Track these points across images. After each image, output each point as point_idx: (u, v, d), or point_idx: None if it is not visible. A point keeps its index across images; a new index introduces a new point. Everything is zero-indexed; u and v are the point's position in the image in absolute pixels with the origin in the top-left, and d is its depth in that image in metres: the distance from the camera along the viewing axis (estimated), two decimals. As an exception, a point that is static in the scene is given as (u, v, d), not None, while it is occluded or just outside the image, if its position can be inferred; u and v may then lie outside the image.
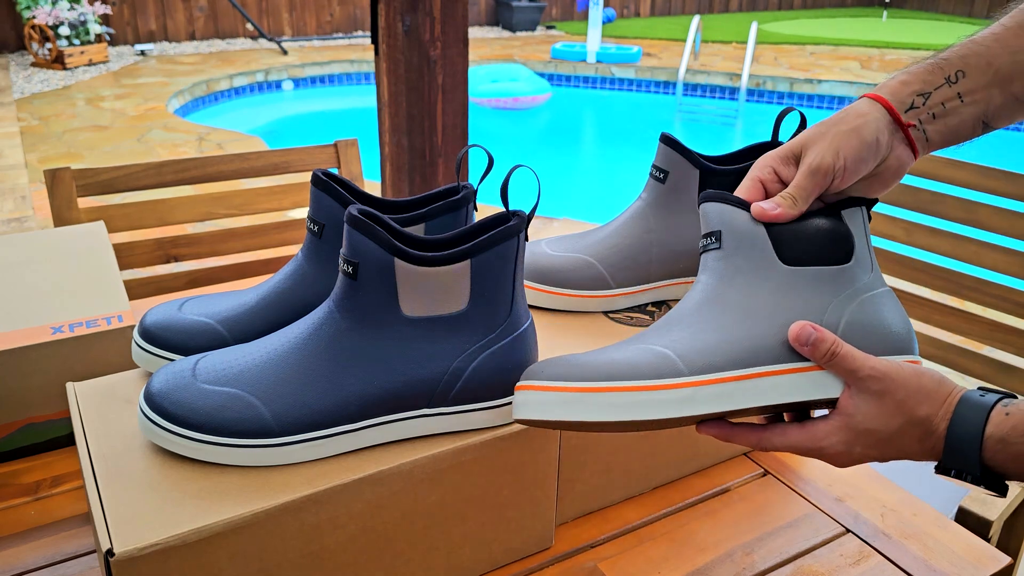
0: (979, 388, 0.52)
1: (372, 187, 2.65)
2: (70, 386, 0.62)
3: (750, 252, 0.56)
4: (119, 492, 0.51)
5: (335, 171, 1.07)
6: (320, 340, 0.54)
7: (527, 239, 0.58)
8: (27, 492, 0.71)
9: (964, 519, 1.07)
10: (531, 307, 0.75)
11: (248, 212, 1.34)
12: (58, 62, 5.90)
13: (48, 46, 5.85)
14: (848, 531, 0.70)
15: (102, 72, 5.92)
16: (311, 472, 0.54)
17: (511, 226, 0.55)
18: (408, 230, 0.60)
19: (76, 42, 5.96)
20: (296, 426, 0.54)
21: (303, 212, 2.60)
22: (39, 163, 3.86)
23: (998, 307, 1.25)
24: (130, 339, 0.76)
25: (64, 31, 5.82)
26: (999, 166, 1.24)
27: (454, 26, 1.90)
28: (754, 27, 5.97)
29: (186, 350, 0.63)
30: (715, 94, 6.42)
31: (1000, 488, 0.51)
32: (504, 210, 0.57)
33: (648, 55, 7.12)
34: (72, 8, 5.89)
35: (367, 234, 0.52)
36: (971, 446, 0.50)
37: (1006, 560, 0.67)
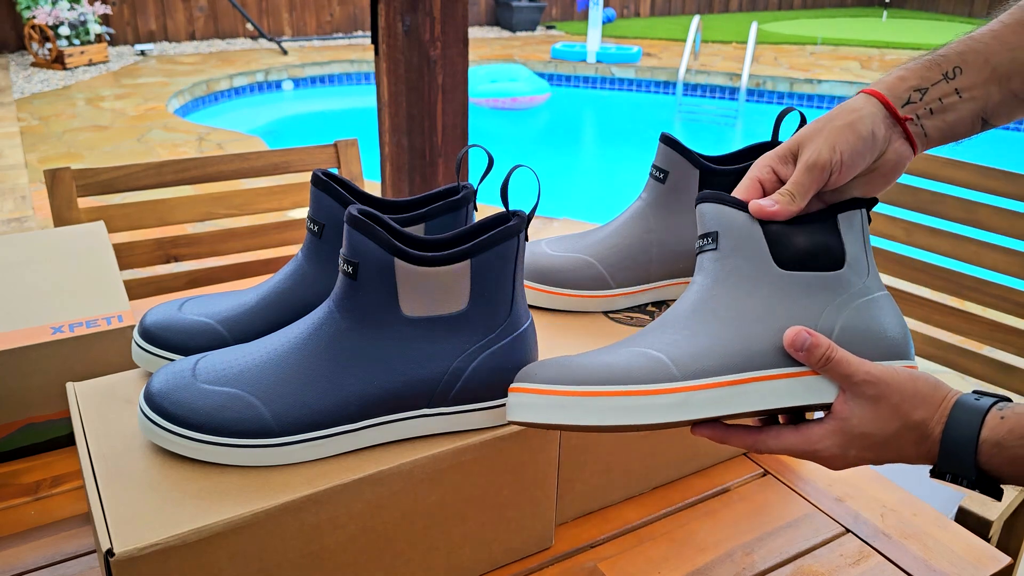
0: (974, 392, 0.52)
1: (372, 187, 2.65)
2: (70, 386, 0.62)
3: (746, 254, 0.56)
4: (119, 492, 0.51)
5: (335, 171, 1.07)
6: (320, 340, 0.54)
7: (527, 239, 0.58)
8: (27, 492, 0.71)
9: (964, 519, 1.07)
10: (531, 307, 0.75)
11: (248, 212, 1.34)
12: (58, 62, 5.90)
13: (48, 46, 5.85)
14: (848, 531, 0.70)
15: (102, 72, 5.92)
16: (311, 472, 0.54)
17: (511, 226, 0.55)
18: (408, 230, 0.60)
19: (76, 42, 5.96)
20: (296, 426, 0.54)
21: (303, 212, 2.60)
22: (39, 163, 3.86)
23: (998, 307, 1.25)
24: (130, 339, 0.76)
25: (64, 31, 5.82)
26: (999, 166, 1.24)
27: (454, 26, 1.90)
28: (754, 27, 5.97)
29: (186, 350, 0.63)
30: (715, 94, 6.42)
31: (995, 492, 0.51)
32: (504, 210, 0.57)
33: (648, 55, 7.12)
34: (72, 8, 5.89)
35: (367, 234, 0.52)
36: (966, 450, 0.50)
37: (1006, 560, 0.67)
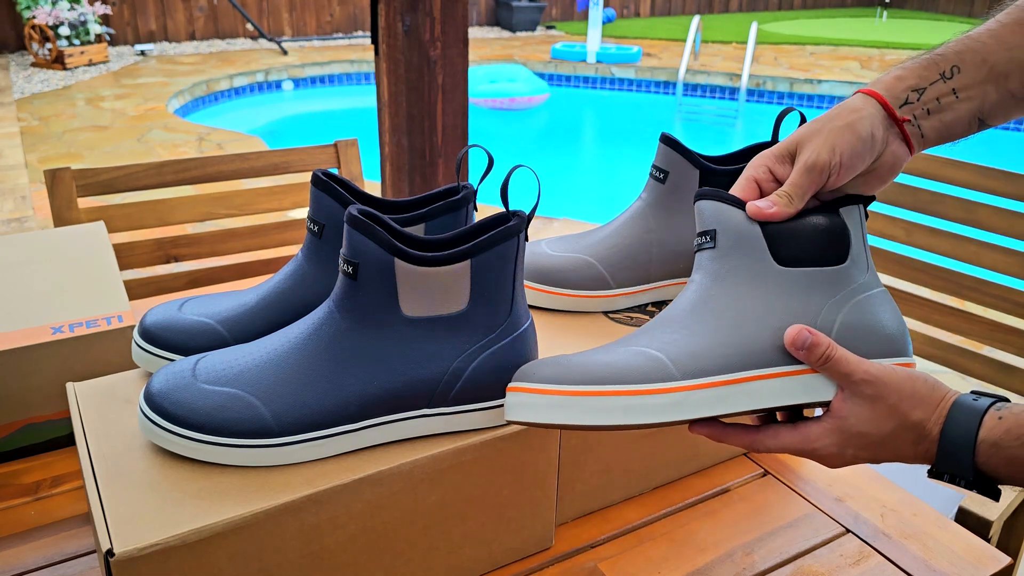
0: (972, 392, 0.52)
1: (372, 187, 2.65)
2: (70, 386, 0.62)
3: (745, 252, 0.56)
4: (119, 492, 0.51)
5: (335, 171, 1.07)
6: (320, 340, 0.54)
7: (527, 239, 0.58)
8: (27, 492, 0.71)
9: (964, 519, 1.07)
10: (531, 307, 0.75)
11: (248, 212, 1.34)
12: (58, 62, 5.90)
13: (48, 46, 5.85)
14: (848, 531, 0.70)
15: (102, 72, 5.92)
16: (311, 472, 0.54)
17: (511, 226, 0.55)
18: (408, 230, 0.60)
19: (76, 42, 5.96)
20: (296, 426, 0.54)
21: (303, 212, 2.60)
22: (39, 163, 3.86)
23: (998, 307, 1.25)
24: (130, 339, 0.76)
25: (64, 31, 5.82)
26: (999, 166, 1.24)
27: (454, 26, 1.90)
28: (754, 27, 5.97)
29: (186, 350, 0.63)
30: (715, 94, 6.42)
31: (993, 492, 0.51)
32: (504, 210, 0.57)
33: (648, 55, 7.12)
34: (72, 8, 5.89)
35: (367, 234, 0.52)
36: (964, 450, 0.50)
37: (1006, 560, 0.67)
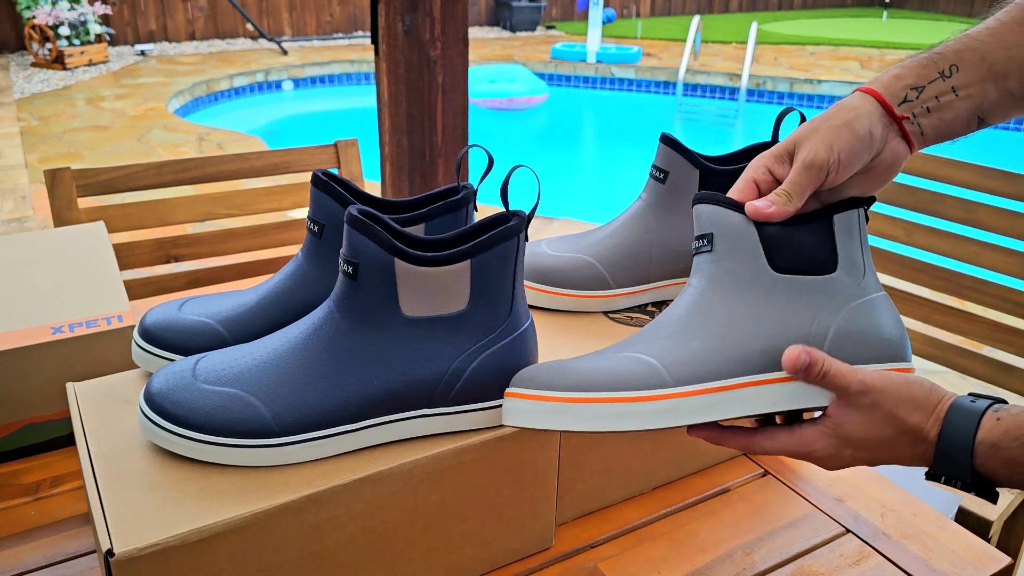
0: (970, 394, 0.52)
1: (372, 187, 2.65)
2: (70, 386, 0.62)
3: (741, 257, 0.56)
4: (119, 492, 0.51)
5: (335, 171, 1.07)
6: (320, 340, 0.54)
7: (527, 239, 0.58)
8: (27, 492, 0.71)
9: (964, 519, 1.07)
10: (531, 307, 0.75)
11: (248, 212, 1.33)
12: (58, 62, 5.90)
13: (48, 46, 5.85)
14: (848, 531, 0.70)
15: (102, 72, 5.92)
16: (311, 472, 0.54)
17: (511, 226, 0.55)
18: (408, 230, 0.60)
19: (76, 42, 5.96)
20: (296, 426, 0.54)
21: (303, 212, 2.60)
22: (39, 163, 3.86)
23: (998, 307, 1.25)
24: (130, 339, 0.76)
25: (64, 31, 5.82)
26: (999, 166, 1.24)
27: (454, 26, 1.90)
28: (754, 27, 5.97)
29: (186, 350, 0.62)
30: (715, 94, 6.42)
31: (990, 494, 0.51)
32: (504, 210, 0.57)
33: (648, 55, 7.12)
34: (72, 8, 5.89)
35: (367, 234, 0.52)
36: (962, 452, 0.50)
37: (1006, 560, 0.67)
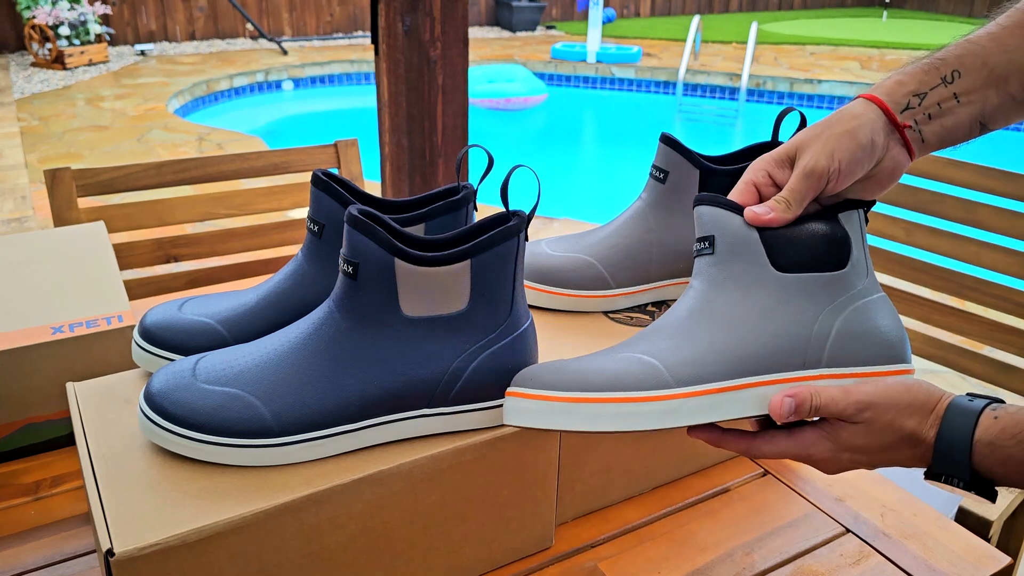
0: (968, 394, 0.52)
1: (372, 187, 2.65)
2: (70, 386, 0.62)
3: (743, 258, 0.56)
4: (119, 492, 0.51)
5: (335, 171, 1.07)
6: (320, 340, 0.54)
7: (527, 239, 0.58)
8: (27, 492, 0.71)
9: (964, 519, 1.07)
10: (531, 307, 0.75)
11: (248, 212, 1.33)
12: (58, 62, 5.90)
13: (48, 46, 5.85)
14: (848, 531, 0.70)
15: (102, 72, 5.91)
16: (311, 472, 0.54)
17: (511, 226, 0.55)
18: (408, 230, 0.60)
19: (76, 42, 5.96)
20: (296, 426, 0.54)
21: (303, 212, 2.60)
22: (39, 163, 3.86)
23: (998, 307, 1.25)
24: (130, 339, 0.76)
25: (64, 31, 5.82)
26: (999, 166, 1.24)
27: (454, 26, 1.90)
28: (754, 27, 5.97)
29: (186, 350, 0.63)
30: (715, 94, 6.42)
31: (989, 493, 0.51)
32: (504, 210, 0.57)
33: (648, 55, 7.12)
34: (72, 8, 5.89)
35: (367, 234, 0.52)
36: (960, 450, 0.50)
37: (1006, 560, 0.67)
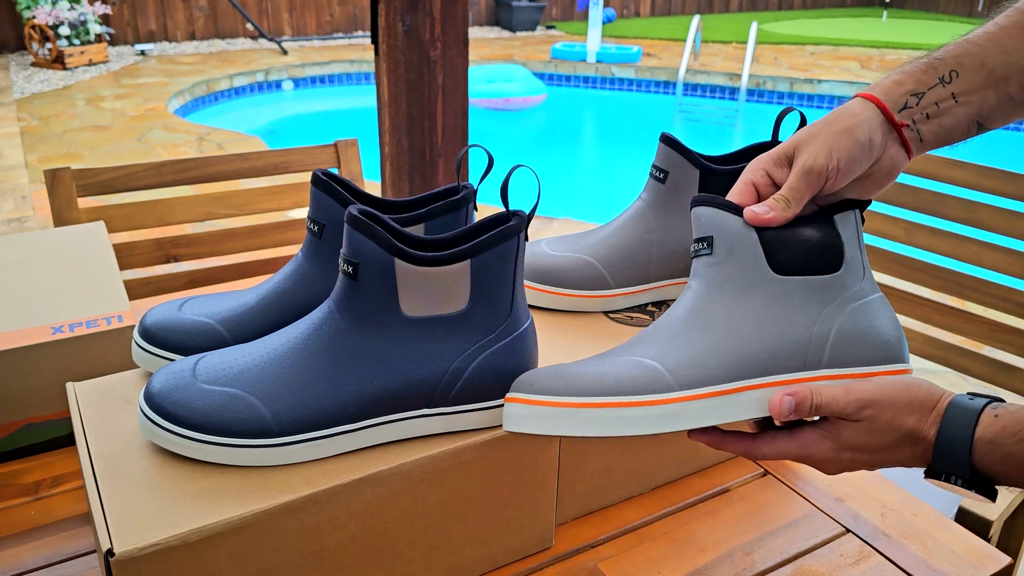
0: (968, 394, 0.53)
1: (372, 187, 2.65)
2: (70, 386, 0.62)
3: (741, 259, 0.56)
4: (119, 492, 0.51)
5: (335, 171, 1.06)
6: (320, 340, 0.54)
7: (527, 239, 0.58)
8: (27, 492, 0.71)
9: (964, 519, 1.07)
10: (531, 307, 0.75)
11: (248, 212, 1.33)
12: (58, 62, 5.90)
13: (48, 46, 5.85)
14: (848, 531, 0.70)
15: (102, 72, 5.91)
16: (311, 472, 0.54)
17: (511, 226, 0.55)
18: (408, 230, 0.60)
19: (76, 42, 5.96)
20: (296, 426, 0.54)
21: (303, 212, 2.60)
22: (39, 163, 3.86)
23: (998, 307, 1.25)
24: (130, 339, 0.76)
25: (64, 31, 5.82)
26: (999, 166, 1.24)
27: (454, 26, 1.90)
28: (754, 27, 5.97)
29: (186, 350, 0.62)
30: (715, 94, 6.42)
31: (989, 492, 0.51)
32: (504, 210, 0.57)
33: (648, 55, 7.12)
34: (72, 8, 5.89)
35: (367, 234, 0.52)
36: (961, 449, 0.50)
37: (1006, 560, 0.67)
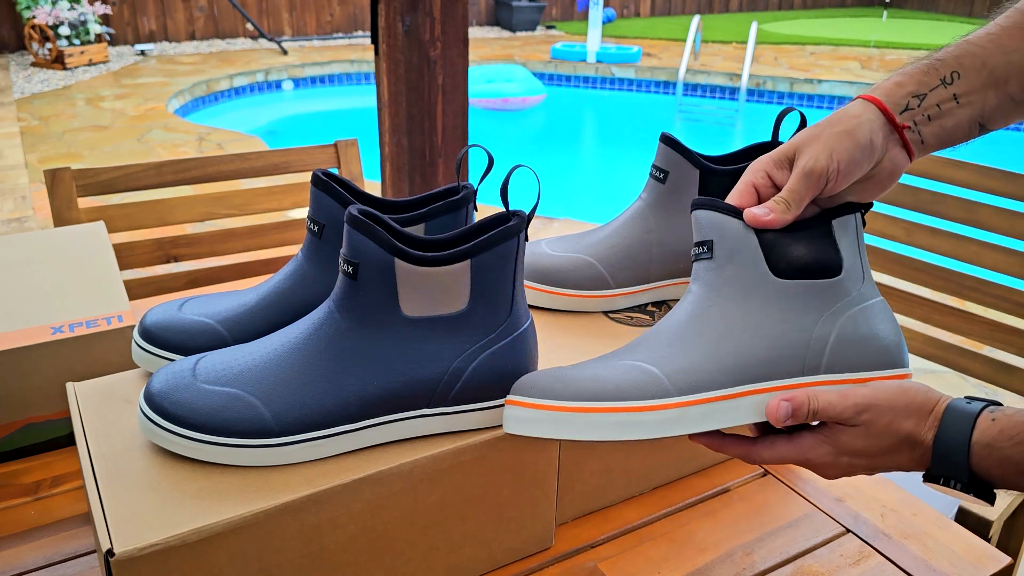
0: (966, 397, 0.53)
1: (372, 187, 2.65)
2: (70, 386, 0.62)
3: (741, 263, 0.56)
4: (119, 492, 0.51)
5: (335, 171, 1.07)
6: (320, 340, 0.54)
7: (527, 239, 0.58)
8: (27, 492, 0.71)
9: (964, 519, 1.07)
10: (531, 307, 0.75)
11: (248, 212, 1.33)
12: (58, 62, 5.90)
13: (48, 46, 5.85)
14: (848, 531, 0.70)
15: (102, 72, 5.91)
16: (311, 472, 0.54)
17: (511, 226, 0.55)
18: (408, 230, 0.60)
19: (76, 42, 5.96)
20: (296, 426, 0.54)
21: (303, 212, 2.60)
22: (39, 163, 3.86)
23: (998, 307, 1.25)
24: (130, 339, 0.76)
25: (64, 31, 5.82)
26: (999, 166, 1.24)
27: (454, 26, 1.90)
28: (754, 27, 5.97)
29: (186, 350, 0.62)
30: (715, 94, 6.42)
31: (987, 495, 0.51)
32: (504, 210, 0.57)
33: (648, 55, 7.12)
34: (72, 8, 5.89)
35: (367, 234, 0.52)
36: (959, 452, 0.50)
37: (1006, 560, 0.67)
